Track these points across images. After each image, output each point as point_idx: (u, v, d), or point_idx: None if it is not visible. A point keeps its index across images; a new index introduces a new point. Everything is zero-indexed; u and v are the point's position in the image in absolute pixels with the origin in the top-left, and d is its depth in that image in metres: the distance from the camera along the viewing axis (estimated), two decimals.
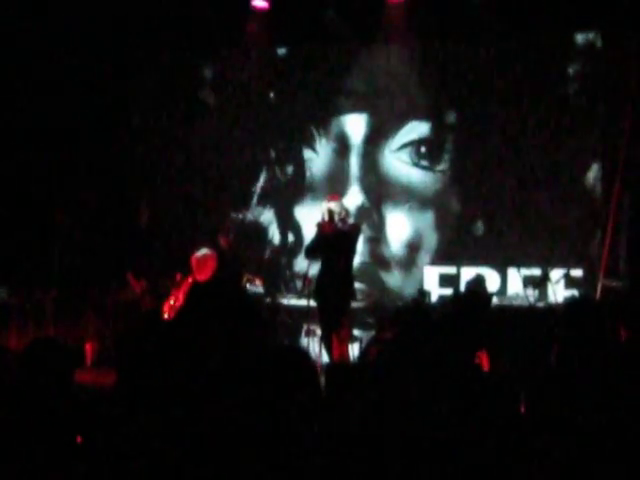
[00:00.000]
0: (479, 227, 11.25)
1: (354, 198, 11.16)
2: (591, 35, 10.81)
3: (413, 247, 11.52)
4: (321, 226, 8.48)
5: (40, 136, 10.65)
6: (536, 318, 9.24)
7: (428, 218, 11.52)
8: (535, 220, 10.91)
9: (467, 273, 10.67)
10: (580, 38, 10.91)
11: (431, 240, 11.52)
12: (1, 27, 10.14)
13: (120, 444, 3.72)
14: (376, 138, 11.67)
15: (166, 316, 8.35)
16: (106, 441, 3.70)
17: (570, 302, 8.84)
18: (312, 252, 8.61)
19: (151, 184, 11.46)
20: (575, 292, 10.21)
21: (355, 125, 11.73)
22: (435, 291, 10.97)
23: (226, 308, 7.94)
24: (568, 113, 10.91)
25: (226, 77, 12.08)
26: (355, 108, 11.81)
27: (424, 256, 11.51)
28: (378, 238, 11.48)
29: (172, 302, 8.39)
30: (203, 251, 8.42)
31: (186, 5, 10.81)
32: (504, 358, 7.27)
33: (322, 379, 5.39)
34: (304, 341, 9.44)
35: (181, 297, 8.37)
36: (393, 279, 11.53)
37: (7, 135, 10.56)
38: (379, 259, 11.53)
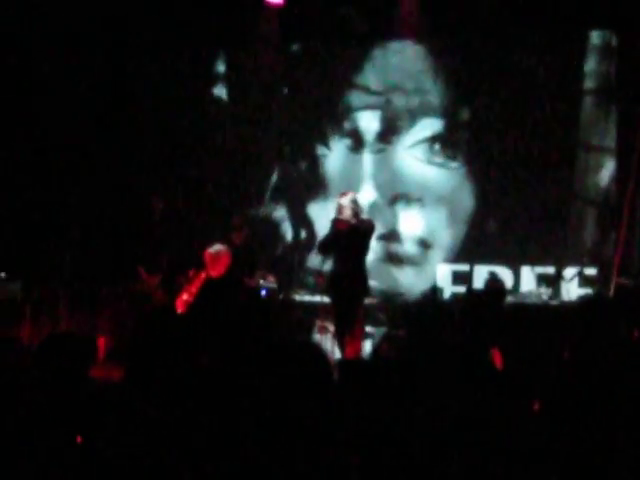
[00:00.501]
0: (492, 225, 11.28)
1: (367, 195, 11.11)
2: (606, 33, 10.79)
3: (426, 244, 11.51)
4: (335, 222, 8.46)
5: (52, 131, 10.66)
6: (549, 316, 9.23)
7: (441, 215, 11.50)
8: (549, 218, 10.94)
9: (480, 271, 10.76)
10: (595, 36, 10.87)
11: (444, 237, 11.50)
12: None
13: (126, 440, 3.74)
14: (390, 135, 11.66)
15: (179, 311, 8.36)
16: (108, 439, 3.71)
17: (583, 300, 8.86)
18: (326, 248, 8.61)
19: (164, 179, 11.44)
20: (589, 290, 10.17)
21: (369, 122, 11.72)
22: (448, 288, 11.01)
23: (239, 304, 7.96)
24: (583, 111, 10.98)
25: (239, 73, 12.08)
26: (369, 105, 11.79)
27: (437, 253, 11.50)
28: (391, 235, 11.46)
29: (185, 297, 8.40)
30: (217, 247, 8.44)
31: (200, 2, 10.82)
32: (517, 356, 7.27)
33: (335, 375, 5.38)
34: (317, 337, 9.44)
35: (194, 292, 8.38)
36: (406, 276, 11.50)
37: (17, 131, 10.57)
38: (392, 256, 11.51)
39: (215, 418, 3.99)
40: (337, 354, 8.64)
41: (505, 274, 10.61)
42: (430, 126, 11.56)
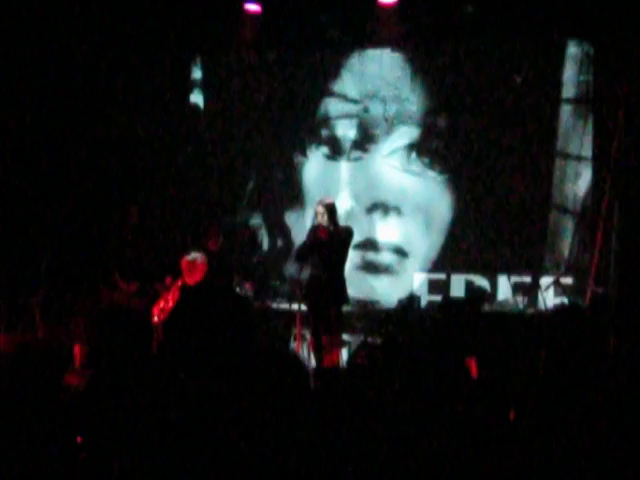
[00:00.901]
0: (469, 233, 11.20)
1: (344, 203, 11.09)
2: (584, 43, 10.78)
3: (403, 253, 11.49)
4: (314, 229, 8.47)
5: (24, 139, 10.61)
6: (525, 325, 9.26)
7: (419, 224, 11.47)
8: (526, 227, 10.92)
9: (457, 280, 10.85)
10: (573, 45, 10.87)
11: (421, 246, 11.47)
12: None
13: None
14: (367, 143, 11.67)
15: (156, 319, 8.37)
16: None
17: (559, 309, 8.93)
18: (304, 256, 8.61)
19: (140, 186, 11.42)
20: (565, 299, 10.20)
21: (346, 130, 11.72)
22: (424, 297, 10.97)
23: (219, 311, 7.95)
24: (561, 120, 10.97)
25: (217, 80, 12.04)
26: (346, 112, 11.78)
27: (414, 262, 11.47)
28: (368, 244, 11.43)
29: (162, 305, 8.41)
30: (193, 255, 8.46)
31: (178, 8, 10.80)
32: (493, 365, 7.30)
33: (311, 383, 5.38)
34: (294, 345, 9.44)
35: (171, 300, 8.39)
36: (382, 285, 11.47)
37: None
38: (369, 265, 11.51)
39: (189, 425, 4.00)
40: (313, 362, 8.65)
41: (482, 283, 10.73)
42: (408, 134, 11.53)
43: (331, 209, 8.45)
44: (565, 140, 10.96)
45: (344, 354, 9.21)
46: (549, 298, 10.23)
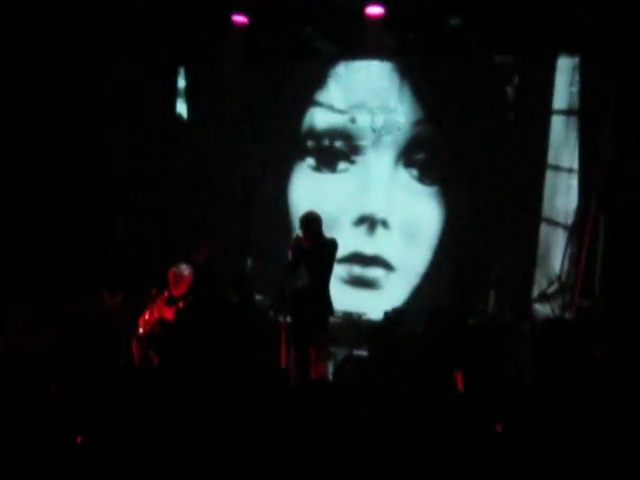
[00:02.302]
0: (458, 247, 11.16)
1: (330, 215, 10.64)
2: (572, 56, 10.68)
3: (390, 267, 11.50)
4: (298, 241, 8.52)
5: (12, 147, 10.65)
6: (512, 338, 9.30)
7: (406, 237, 11.44)
8: (515, 240, 10.86)
9: (444, 293, 10.82)
10: (563, 56, 10.74)
11: (409, 260, 11.44)
12: None
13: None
14: (353, 154, 11.69)
15: (141, 330, 8.41)
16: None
17: (546, 322, 9.00)
18: (290, 267, 8.63)
19: (126, 197, 11.42)
20: (547, 310, 10.24)
21: (332, 141, 11.75)
22: (411, 310, 10.74)
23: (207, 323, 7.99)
24: (553, 132, 10.86)
25: (201, 91, 12.09)
26: (332, 123, 11.80)
27: (401, 276, 11.48)
28: (354, 257, 11.44)
29: (147, 317, 8.45)
30: (181, 266, 8.52)
31: (165, 18, 10.82)
32: (480, 377, 7.35)
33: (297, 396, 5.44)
34: (280, 357, 9.47)
35: (156, 312, 8.43)
36: (368, 298, 11.48)
37: None
38: (355, 279, 11.56)
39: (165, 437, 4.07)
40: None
41: (470, 296, 10.72)
42: (395, 145, 11.52)
43: (314, 222, 8.49)
44: (556, 152, 10.84)
45: (330, 366, 9.23)
46: (540, 311, 10.29)
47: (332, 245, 8.62)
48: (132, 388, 4.70)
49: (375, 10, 10.59)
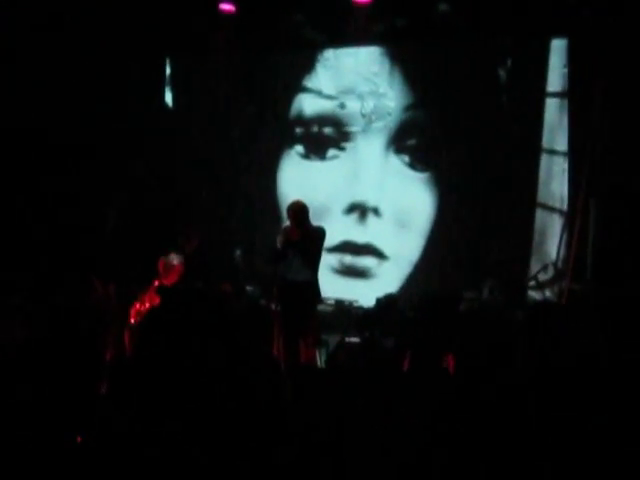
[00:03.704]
0: (452, 234, 11.19)
1: (320, 203, 11.04)
2: (562, 38, 10.69)
3: (382, 256, 11.55)
4: (286, 230, 8.65)
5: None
6: (503, 322, 9.36)
7: (398, 225, 11.47)
8: (510, 226, 10.86)
9: (436, 280, 10.87)
10: (557, 38, 10.73)
11: (401, 248, 11.47)
12: None
13: None
14: (343, 141, 11.76)
15: (132, 321, 8.49)
16: None
17: (536, 306, 9.10)
18: (279, 256, 8.72)
19: (117, 187, 11.46)
20: (542, 296, 10.38)
21: (321, 127, 11.82)
22: (403, 296, 10.89)
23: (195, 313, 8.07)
24: (547, 115, 10.85)
25: (191, 80, 12.15)
26: (321, 109, 11.86)
27: (393, 265, 11.52)
28: (345, 246, 11.52)
29: (138, 307, 8.54)
30: (170, 256, 8.60)
31: (152, 7, 10.90)
32: (471, 362, 7.44)
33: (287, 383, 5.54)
34: (271, 345, 9.55)
35: (147, 302, 8.52)
36: (360, 287, 11.50)
37: None
38: (346, 268, 11.61)
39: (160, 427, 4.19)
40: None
41: (459, 281, 10.70)
42: (386, 131, 11.56)
43: (302, 211, 8.60)
44: (551, 135, 10.84)
45: (323, 354, 9.35)
46: (534, 296, 10.42)
47: (320, 233, 8.72)
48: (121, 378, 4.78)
49: None
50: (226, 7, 11.20)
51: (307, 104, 11.95)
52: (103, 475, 3.91)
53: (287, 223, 8.76)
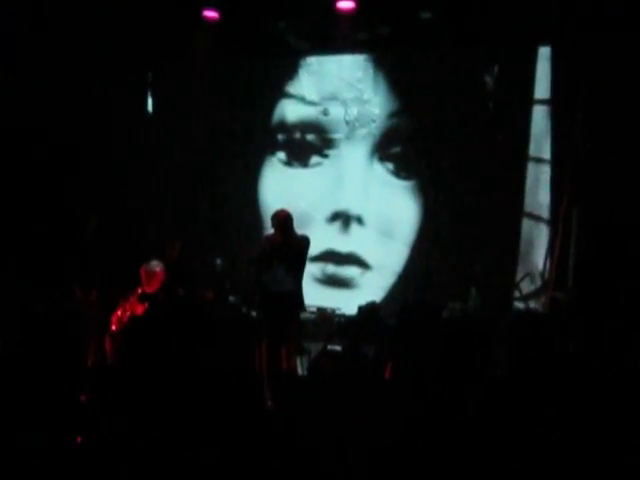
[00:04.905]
0: (437, 243, 11.16)
1: (303, 211, 11.07)
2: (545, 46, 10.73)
3: (365, 265, 11.54)
4: (269, 238, 8.76)
5: None
6: (488, 333, 9.42)
7: (382, 234, 11.48)
8: (496, 235, 10.84)
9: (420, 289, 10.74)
10: (543, 48, 10.74)
11: (385, 258, 11.46)
12: None
13: None
14: (326, 148, 11.81)
15: (114, 328, 8.55)
16: None
17: (517, 315, 9.21)
18: (262, 264, 8.78)
19: (99, 194, 11.37)
20: (524, 304, 10.42)
21: (304, 134, 11.86)
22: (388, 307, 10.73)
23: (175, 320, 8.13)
24: (534, 123, 10.82)
25: (173, 87, 12.13)
26: (304, 115, 11.92)
27: (376, 275, 11.52)
28: (328, 255, 11.52)
29: (119, 314, 8.60)
30: (152, 263, 8.67)
31: (136, 13, 10.89)
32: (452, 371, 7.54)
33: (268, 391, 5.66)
34: (253, 354, 9.62)
35: (129, 309, 8.58)
36: (343, 296, 11.49)
37: None
38: (329, 278, 11.63)
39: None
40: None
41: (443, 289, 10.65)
42: (370, 138, 11.60)
43: (286, 220, 8.67)
44: (538, 144, 10.84)
45: (304, 361, 9.42)
46: (509, 302, 10.46)
47: (305, 242, 8.80)
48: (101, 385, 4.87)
49: (346, 5, 10.76)
50: (210, 14, 11.25)
51: (290, 110, 11.98)
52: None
53: (269, 231, 8.82)
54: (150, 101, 12.45)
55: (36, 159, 11.01)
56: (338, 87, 11.78)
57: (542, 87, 10.81)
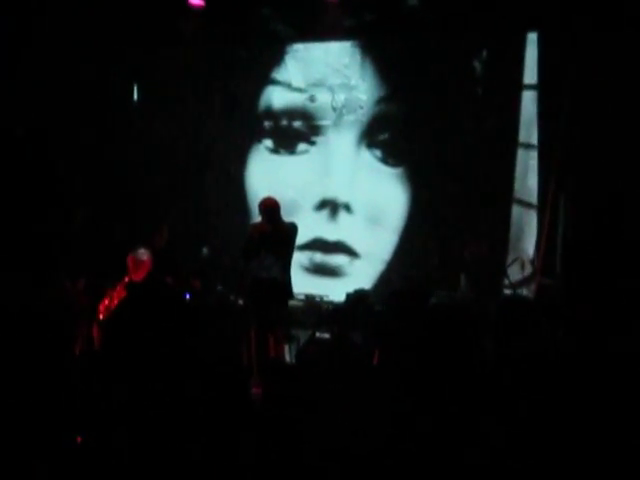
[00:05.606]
0: (426, 231, 11.20)
1: (290, 199, 11.04)
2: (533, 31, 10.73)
3: (353, 253, 11.55)
4: (257, 226, 8.82)
5: None
6: (476, 318, 9.47)
7: (370, 222, 11.48)
8: (486, 222, 10.86)
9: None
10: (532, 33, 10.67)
11: (373, 246, 11.48)
12: None
13: None
14: (313, 135, 11.81)
15: (101, 317, 8.60)
16: None
17: (504, 300, 9.28)
18: (250, 252, 8.82)
19: (86, 183, 11.41)
20: (511, 290, 10.41)
21: (290, 121, 11.85)
22: (376, 294, 10.86)
23: (160, 309, 8.16)
24: (524, 109, 10.78)
25: (158, 74, 12.03)
26: (290, 102, 11.90)
27: (365, 263, 11.53)
28: (315, 244, 11.52)
29: (107, 303, 8.64)
30: (139, 251, 8.70)
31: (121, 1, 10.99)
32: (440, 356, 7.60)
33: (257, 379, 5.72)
34: (241, 342, 9.68)
35: (116, 297, 8.62)
36: (331, 284, 11.51)
37: None
38: (317, 266, 11.62)
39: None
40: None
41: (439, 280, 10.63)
42: (358, 125, 11.60)
43: (274, 207, 8.71)
44: (527, 130, 10.81)
45: (292, 349, 9.47)
46: (498, 289, 10.42)
47: (293, 229, 8.86)
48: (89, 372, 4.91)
49: None
50: (195, 1, 11.20)
51: (276, 97, 11.98)
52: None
53: (257, 219, 8.86)
54: (136, 88, 12.41)
55: (21, 148, 11.04)
56: (325, 73, 11.79)
57: (531, 72, 10.76)
